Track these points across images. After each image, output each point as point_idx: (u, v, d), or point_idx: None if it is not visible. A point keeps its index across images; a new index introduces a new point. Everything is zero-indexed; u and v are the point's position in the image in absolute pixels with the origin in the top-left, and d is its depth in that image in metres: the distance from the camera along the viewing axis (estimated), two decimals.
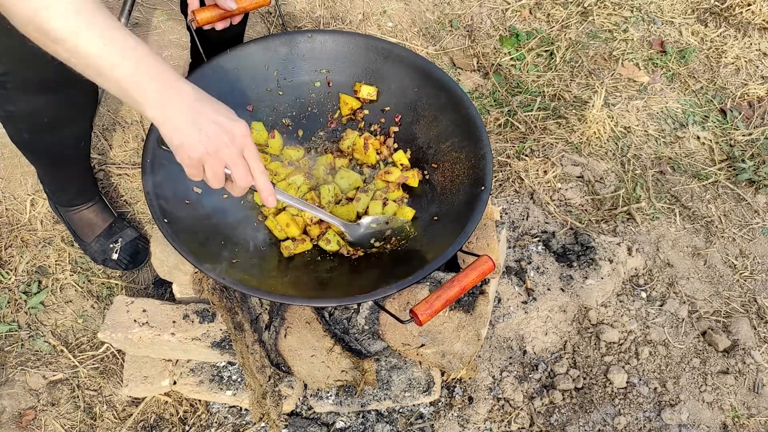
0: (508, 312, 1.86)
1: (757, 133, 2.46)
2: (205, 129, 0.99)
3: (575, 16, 2.79)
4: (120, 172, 2.13)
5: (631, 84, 2.59)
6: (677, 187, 2.30)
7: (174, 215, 1.26)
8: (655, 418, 1.77)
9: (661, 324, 1.95)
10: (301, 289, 1.29)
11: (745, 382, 1.87)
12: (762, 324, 1.99)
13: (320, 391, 1.62)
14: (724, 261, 2.14)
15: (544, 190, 2.23)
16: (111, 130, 2.22)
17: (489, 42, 2.67)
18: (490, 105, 2.46)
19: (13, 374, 1.76)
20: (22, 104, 1.42)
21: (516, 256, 1.98)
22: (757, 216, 2.26)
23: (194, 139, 0.99)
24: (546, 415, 1.76)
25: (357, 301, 1.23)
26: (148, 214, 2.05)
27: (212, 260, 1.24)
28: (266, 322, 1.52)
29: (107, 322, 1.51)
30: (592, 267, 1.95)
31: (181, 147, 1.00)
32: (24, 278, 1.90)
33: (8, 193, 2.06)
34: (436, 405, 1.73)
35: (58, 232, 1.99)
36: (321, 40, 1.53)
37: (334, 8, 2.70)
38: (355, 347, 1.54)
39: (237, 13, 1.41)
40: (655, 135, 2.45)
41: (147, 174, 1.27)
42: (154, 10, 2.60)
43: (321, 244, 1.40)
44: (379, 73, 1.54)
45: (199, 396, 1.64)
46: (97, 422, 1.70)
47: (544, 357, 1.86)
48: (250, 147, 1.05)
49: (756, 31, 2.82)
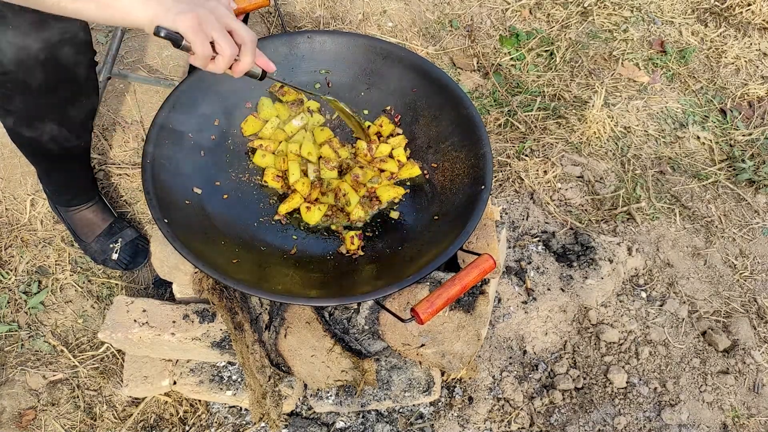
0: (508, 312, 1.86)
1: (757, 133, 2.46)
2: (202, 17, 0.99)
3: (575, 16, 2.79)
4: (120, 172, 2.13)
5: (631, 84, 2.59)
6: (677, 187, 2.30)
7: (174, 215, 1.26)
8: (655, 418, 1.77)
9: (661, 324, 1.95)
10: (301, 289, 1.29)
11: (745, 382, 1.87)
12: (762, 324, 1.99)
13: (320, 391, 1.62)
14: (724, 261, 2.14)
15: (544, 190, 2.23)
16: (111, 130, 2.22)
17: (489, 42, 2.67)
18: (490, 105, 2.46)
19: (13, 374, 1.76)
20: (21, 104, 1.42)
21: (516, 256, 1.98)
22: (757, 216, 2.26)
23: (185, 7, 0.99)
24: (546, 415, 1.76)
25: (357, 301, 1.23)
26: (148, 214, 2.05)
27: (212, 260, 1.24)
28: (266, 322, 1.52)
29: (107, 322, 1.51)
30: (592, 267, 1.95)
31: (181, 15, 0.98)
32: (24, 278, 1.90)
33: (8, 193, 2.06)
34: (436, 405, 1.73)
35: (58, 232, 1.99)
36: (320, 40, 1.53)
37: (334, 8, 2.70)
38: (355, 347, 1.54)
39: (236, 14, 1.41)
40: (655, 135, 2.45)
41: (147, 174, 1.27)
42: None
43: (302, 211, 1.42)
44: (378, 73, 1.54)
45: (199, 396, 1.64)
46: (97, 422, 1.70)
47: (544, 357, 1.86)
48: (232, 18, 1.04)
49: (756, 31, 2.82)
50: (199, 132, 1.45)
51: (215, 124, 1.48)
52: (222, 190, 1.43)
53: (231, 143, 1.50)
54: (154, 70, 2.40)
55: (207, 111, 1.47)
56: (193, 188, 1.37)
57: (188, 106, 1.42)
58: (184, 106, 1.41)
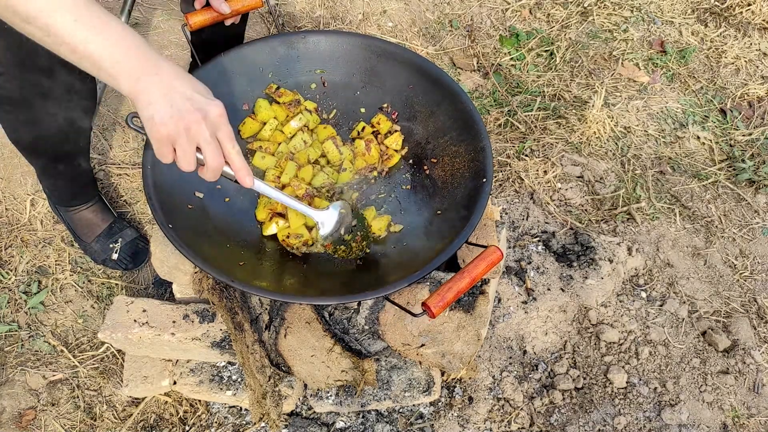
0: (508, 312, 1.86)
1: (757, 133, 2.46)
2: (177, 105, 0.96)
3: (575, 16, 2.79)
4: (120, 172, 2.13)
5: (631, 84, 2.59)
6: (677, 187, 2.30)
7: (177, 219, 1.26)
8: (655, 418, 1.77)
9: (661, 324, 1.95)
10: (304, 288, 1.29)
11: (745, 382, 1.87)
12: (762, 324, 1.99)
13: (320, 391, 1.62)
14: (724, 261, 2.14)
15: (544, 190, 2.23)
16: (111, 130, 2.22)
17: (489, 42, 2.67)
18: (490, 105, 2.46)
19: (13, 374, 1.76)
20: (20, 104, 1.42)
21: (516, 256, 1.98)
22: (757, 216, 2.26)
23: (165, 113, 0.96)
24: (546, 415, 1.76)
25: (362, 299, 1.22)
26: (148, 214, 2.05)
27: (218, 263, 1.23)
28: (266, 322, 1.52)
29: (107, 322, 1.51)
30: (592, 267, 1.95)
31: (152, 120, 0.97)
32: (24, 278, 1.90)
33: (8, 193, 2.06)
34: (436, 405, 1.73)
35: (58, 232, 1.99)
36: (314, 40, 1.53)
37: (334, 8, 2.70)
38: (355, 347, 1.54)
39: (230, 15, 1.42)
40: (655, 135, 2.45)
41: (149, 179, 1.27)
42: (154, 10, 2.60)
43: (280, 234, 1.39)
44: (373, 71, 1.54)
45: (199, 396, 1.64)
46: (97, 422, 1.70)
47: (544, 357, 1.86)
48: (224, 127, 1.02)
49: (756, 31, 2.82)
50: None
51: None
52: (223, 194, 1.43)
53: None
54: None
55: None
56: (194, 192, 1.37)
57: None
58: None
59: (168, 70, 0.98)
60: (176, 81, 0.98)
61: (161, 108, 0.96)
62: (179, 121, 0.97)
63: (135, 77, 0.95)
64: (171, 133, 0.98)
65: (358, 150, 1.51)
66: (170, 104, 0.96)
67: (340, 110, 1.59)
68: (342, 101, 1.58)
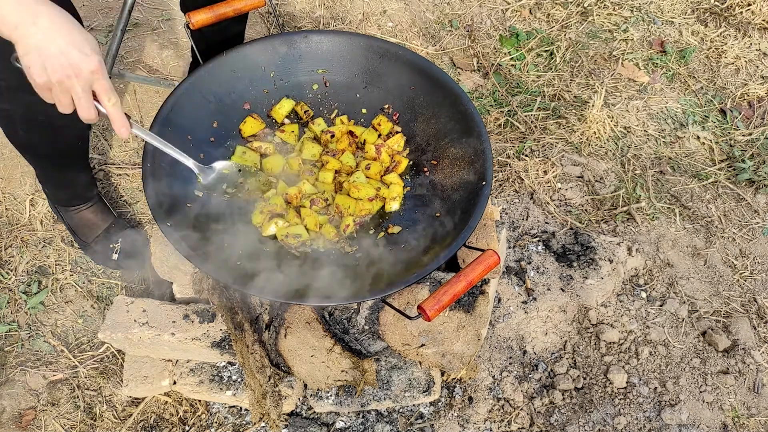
0: (508, 312, 1.86)
1: (757, 133, 2.46)
2: (50, 60, 0.99)
3: (575, 16, 2.79)
4: (120, 172, 2.13)
5: (631, 84, 2.59)
6: (677, 187, 2.30)
7: (176, 219, 1.26)
8: (655, 418, 1.77)
9: (661, 324, 1.95)
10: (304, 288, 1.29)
11: (745, 382, 1.87)
12: (762, 324, 1.99)
13: (320, 391, 1.62)
14: (724, 261, 2.13)
15: (544, 190, 2.23)
16: (111, 130, 2.22)
17: (489, 42, 2.67)
18: (490, 105, 2.46)
19: (13, 374, 1.76)
20: (18, 104, 1.41)
21: (516, 256, 1.98)
22: (757, 216, 2.26)
23: (39, 66, 0.99)
24: (546, 415, 1.76)
25: (361, 300, 1.22)
26: (148, 214, 2.05)
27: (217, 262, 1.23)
28: (266, 322, 1.52)
29: (107, 322, 1.51)
30: (592, 267, 1.95)
31: (28, 70, 1.01)
32: (24, 278, 1.90)
33: (8, 193, 2.06)
34: (436, 405, 1.73)
35: (58, 232, 1.99)
36: (316, 40, 1.53)
37: (334, 8, 2.70)
38: (355, 347, 1.54)
39: (232, 14, 1.42)
40: (655, 135, 2.45)
41: (148, 179, 1.27)
42: (154, 10, 2.60)
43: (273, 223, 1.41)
44: (375, 71, 1.54)
45: (199, 396, 1.64)
46: (97, 422, 1.70)
47: (544, 357, 1.86)
48: (99, 82, 1.04)
49: (756, 31, 2.82)
50: (198, 134, 1.45)
51: (214, 126, 1.48)
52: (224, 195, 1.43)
53: (230, 145, 1.50)
54: (153, 70, 2.40)
55: (205, 113, 1.47)
56: (194, 192, 1.37)
57: (187, 108, 1.42)
58: (183, 107, 1.41)
59: (46, 20, 0.99)
60: (53, 33, 0.99)
61: (35, 60, 0.99)
62: (52, 74, 1.00)
63: (13, 24, 0.96)
64: (45, 83, 1.01)
65: (368, 155, 1.51)
66: (44, 57, 0.99)
67: (341, 111, 1.59)
68: (344, 102, 1.58)
